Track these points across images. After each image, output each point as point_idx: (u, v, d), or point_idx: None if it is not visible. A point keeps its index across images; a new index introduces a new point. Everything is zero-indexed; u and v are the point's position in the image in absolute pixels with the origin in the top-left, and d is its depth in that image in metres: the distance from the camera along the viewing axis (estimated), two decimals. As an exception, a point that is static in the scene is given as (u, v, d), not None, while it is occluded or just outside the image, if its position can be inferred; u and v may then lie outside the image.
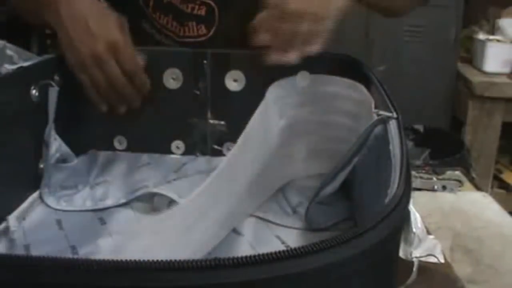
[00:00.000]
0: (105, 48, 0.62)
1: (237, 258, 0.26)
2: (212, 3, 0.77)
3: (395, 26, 1.95)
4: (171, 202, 0.59)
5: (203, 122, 0.73)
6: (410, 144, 1.80)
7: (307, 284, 0.27)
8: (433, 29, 1.95)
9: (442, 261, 0.45)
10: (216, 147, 0.74)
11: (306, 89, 0.64)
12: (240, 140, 0.52)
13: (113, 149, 0.75)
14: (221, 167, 0.49)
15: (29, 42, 1.75)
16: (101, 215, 0.60)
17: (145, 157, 0.74)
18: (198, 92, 0.72)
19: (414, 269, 0.44)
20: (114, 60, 0.63)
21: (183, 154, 0.75)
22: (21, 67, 0.60)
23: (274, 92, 0.60)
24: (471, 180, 0.79)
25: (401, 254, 0.41)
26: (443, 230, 0.65)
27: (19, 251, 0.52)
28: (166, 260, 0.25)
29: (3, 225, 0.55)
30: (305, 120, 0.65)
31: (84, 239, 0.54)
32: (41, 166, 0.63)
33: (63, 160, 0.66)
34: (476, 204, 0.72)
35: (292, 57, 0.62)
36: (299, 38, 0.62)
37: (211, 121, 0.73)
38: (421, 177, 0.76)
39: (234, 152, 0.51)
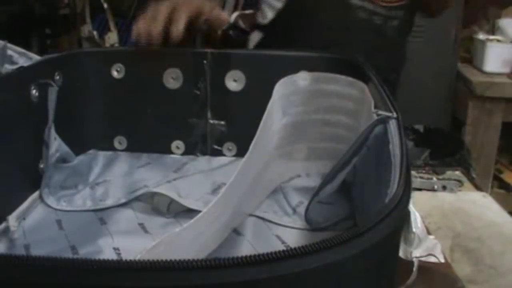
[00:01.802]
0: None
1: (237, 258, 0.26)
2: None
3: (395, 26, 1.95)
4: (171, 202, 0.60)
5: (203, 122, 0.73)
6: (410, 144, 1.80)
7: (307, 284, 0.27)
8: (433, 29, 1.95)
9: (442, 261, 0.45)
10: (216, 147, 0.74)
11: (308, 87, 0.64)
12: (252, 143, 0.52)
13: (113, 149, 0.75)
14: (237, 174, 0.49)
15: (29, 42, 1.75)
16: (101, 215, 0.60)
17: (145, 157, 0.74)
18: (198, 92, 0.72)
19: (414, 269, 0.44)
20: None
21: (183, 154, 0.75)
22: (21, 67, 0.60)
23: (279, 90, 0.61)
24: (471, 180, 0.79)
25: (401, 254, 0.41)
26: (443, 230, 0.65)
27: (19, 251, 0.52)
28: (166, 260, 0.25)
29: (3, 225, 0.55)
30: (306, 118, 0.65)
31: (84, 239, 0.54)
32: (41, 166, 0.63)
33: (63, 160, 0.66)
34: (476, 204, 0.72)
35: None
36: None
37: (211, 121, 0.73)
38: (421, 177, 0.76)
39: (247, 157, 0.51)
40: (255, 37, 0.92)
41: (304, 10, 0.85)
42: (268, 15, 0.89)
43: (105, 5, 1.92)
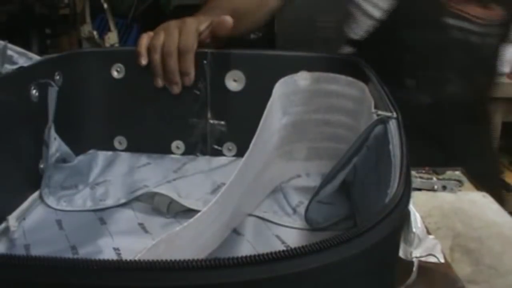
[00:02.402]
0: (176, 23, 0.69)
1: (237, 258, 0.26)
2: None
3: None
4: (171, 202, 0.60)
5: (203, 122, 0.73)
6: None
7: (307, 284, 0.27)
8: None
9: (442, 261, 0.45)
10: (216, 147, 0.74)
11: (309, 87, 0.64)
12: (252, 142, 0.52)
13: (113, 149, 0.75)
14: (236, 173, 0.49)
15: (29, 42, 1.75)
16: (101, 215, 0.60)
17: (145, 157, 0.74)
18: (198, 92, 0.72)
19: (414, 269, 0.44)
20: (178, 33, 0.68)
21: (183, 154, 0.75)
22: (21, 67, 0.60)
23: (279, 90, 0.61)
24: (471, 180, 0.79)
25: (401, 254, 0.41)
26: (443, 230, 0.65)
27: (19, 251, 0.52)
28: (166, 260, 0.25)
29: (3, 225, 0.55)
30: (306, 118, 0.65)
31: (84, 239, 0.54)
32: (41, 166, 0.63)
33: (63, 160, 0.66)
34: (476, 204, 0.72)
35: None
36: None
37: (211, 121, 0.73)
38: (421, 177, 0.76)
39: (247, 156, 0.51)
40: (343, 51, 0.91)
41: (398, 28, 0.84)
42: (363, 25, 0.87)
43: (105, 5, 1.92)
